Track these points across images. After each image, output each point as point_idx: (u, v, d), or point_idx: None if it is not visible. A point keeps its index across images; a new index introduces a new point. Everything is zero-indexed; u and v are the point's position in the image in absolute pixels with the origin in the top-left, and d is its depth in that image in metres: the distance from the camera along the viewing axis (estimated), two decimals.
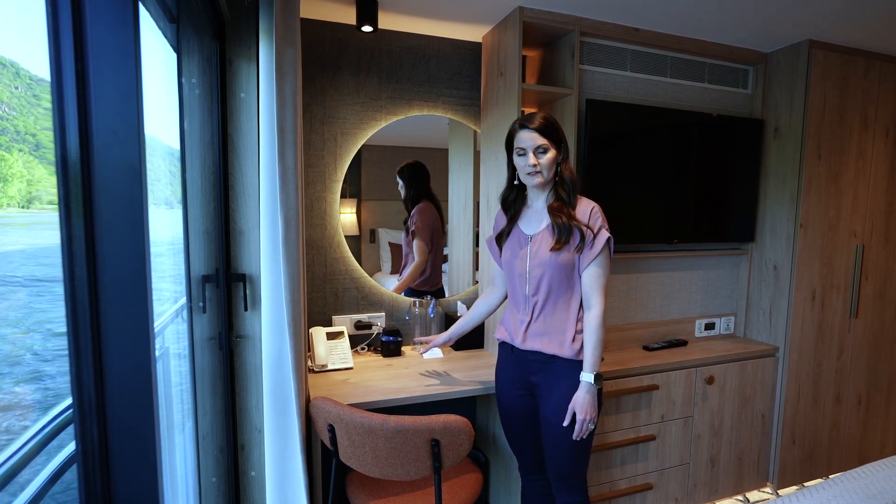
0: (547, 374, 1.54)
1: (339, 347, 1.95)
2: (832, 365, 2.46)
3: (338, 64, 2.05)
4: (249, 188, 1.39)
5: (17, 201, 1.03)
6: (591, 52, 2.13)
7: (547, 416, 1.54)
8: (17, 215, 1.03)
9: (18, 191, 0.99)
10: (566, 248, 1.48)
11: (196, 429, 1.37)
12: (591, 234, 1.47)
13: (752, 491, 2.43)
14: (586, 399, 1.45)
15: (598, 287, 1.48)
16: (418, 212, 2.22)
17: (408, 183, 2.22)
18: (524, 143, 1.47)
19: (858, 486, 1.41)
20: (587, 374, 1.46)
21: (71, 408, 0.87)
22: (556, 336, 1.51)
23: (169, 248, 1.37)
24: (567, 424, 1.48)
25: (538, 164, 1.46)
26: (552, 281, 1.50)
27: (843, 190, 2.37)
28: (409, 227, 2.22)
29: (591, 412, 1.45)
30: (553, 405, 1.51)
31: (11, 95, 0.95)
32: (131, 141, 0.61)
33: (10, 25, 0.80)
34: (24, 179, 0.98)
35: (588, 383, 1.45)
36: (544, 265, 1.50)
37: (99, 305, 0.61)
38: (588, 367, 1.46)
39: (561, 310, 1.52)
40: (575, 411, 1.46)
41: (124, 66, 0.60)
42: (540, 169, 1.47)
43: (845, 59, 2.29)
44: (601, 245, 1.47)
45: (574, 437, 1.48)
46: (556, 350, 1.50)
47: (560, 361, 1.51)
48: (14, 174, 0.97)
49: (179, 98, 1.29)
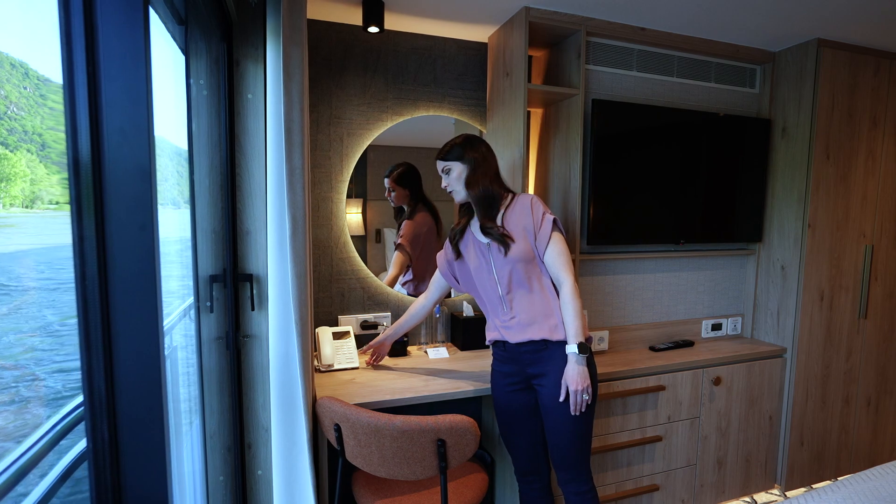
0: (541, 362, 1.58)
1: (346, 347, 1.96)
2: (841, 366, 2.44)
3: (344, 65, 2.06)
4: (256, 188, 1.40)
5: (21, 201, 1.03)
6: (597, 51, 2.13)
7: (546, 403, 1.57)
8: (21, 215, 1.03)
9: (22, 190, 1.00)
10: (516, 245, 1.56)
11: (203, 428, 1.38)
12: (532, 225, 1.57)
13: (759, 493, 2.41)
14: (576, 370, 1.49)
15: (561, 264, 1.56)
16: (406, 225, 2.19)
17: (400, 191, 2.17)
18: (439, 171, 1.63)
19: (868, 489, 1.40)
20: (571, 346, 1.50)
21: (79, 407, 0.88)
22: (544, 321, 1.56)
23: (177, 248, 1.37)
24: (563, 400, 1.52)
25: (448, 183, 1.61)
26: (519, 275, 1.57)
27: (851, 190, 2.35)
28: (395, 241, 2.19)
29: (581, 382, 1.48)
30: (550, 390, 1.55)
31: (20, 95, 0.96)
32: (141, 142, 0.61)
33: (20, 26, 0.81)
34: (28, 179, 0.99)
35: (574, 354, 1.49)
36: (507, 263, 1.57)
37: (109, 304, 0.62)
38: (571, 338, 1.51)
39: (538, 298, 1.58)
40: (567, 385, 1.50)
41: (135, 68, 0.60)
42: (451, 188, 1.61)
43: (854, 58, 2.27)
44: (549, 229, 1.56)
45: (571, 412, 1.50)
46: (546, 334, 1.55)
47: (551, 345, 1.56)
48: (17, 173, 0.97)
49: (187, 99, 1.30)
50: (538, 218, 1.57)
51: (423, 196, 2.21)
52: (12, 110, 0.98)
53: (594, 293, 2.26)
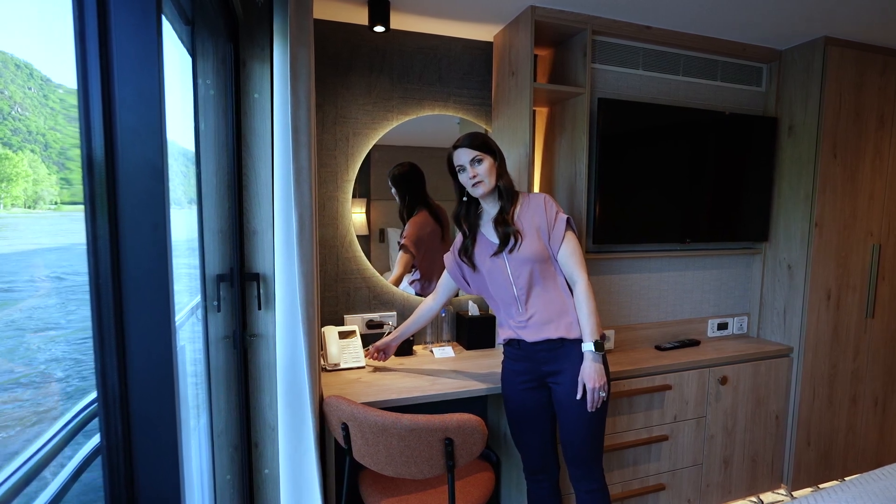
0: (557, 360, 1.59)
1: (352, 346, 1.96)
2: (848, 366, 2.43)
3: (350, 64, 2.06)
4: (263, 188, 1.40)
5: (23, 201, 1.04)
6: (603, 50, 2.12)
7: (561, 400, 1.58)
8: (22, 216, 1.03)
9: (24, 190, 1.00)
10: (528, 242, 1.56)
11: (211, 427, 1.39)
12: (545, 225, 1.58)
13: (766, 492, 2.41)
14: (593, 367, 1.50)
15: (575, 263, 1.58)
16: (409, 224, 2.19)
17: (402, 191, 2.18)
18: (460, 159, 1.58)
19: (875, 489, 1.39)
20: (587, 344, 1.52)
21: (93, 403, 0.89)
22: (560, 320, 1.57)
23: (184, 248, 1.38)
24: (580, 398, 1.53)
25: (477, 174, 1.56)
26: (534, 274, 1.58)
27: (859, 189, 2.34)
28: (399, 241, 2.21)
29: (598, 379, 1.50)
30: (566, 388, 1.56)
31: (24, 96, 0.97)
32: (154, 141, 0.62)
33: (30, 27, 0.81)
34: (30, 179, 0.99)
35: (590, 352, 1.51)
36: (523, 263, 1.57)
37: (123, 302, 0.63)
38: (587, 336, 1.52)
39: (553, 297, 1.59)
40: (585, 383, 1.51)
41: (148, 69, 0.61)
42: (480, 178, 1.56)
43: (862, 56, 2.26)
44: (562, 228, 1.58)
45: (589, 408, 1.52)
46: (563, 333, 1.56)
47: (567, 344, 1.57)
48: (19, 174, 0.98)
49: (194, 99, 1.30)
50: (552, 217, 1.59)
51: (426, 197, 2.21)
52: (17, 111, 0.99)
53: (600, 292, 2.25)
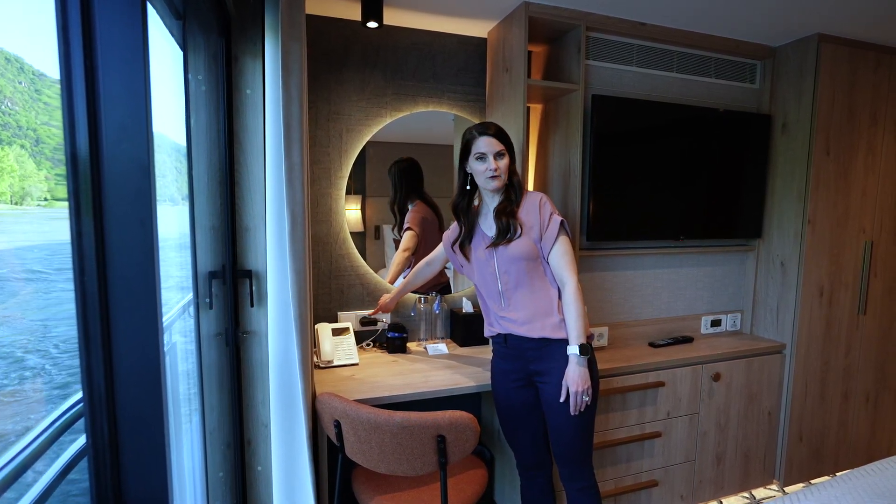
0: (543, 360, 1.58)
1: (345, 343, 1.96)
2: (840, 362, 2.45)
3: (343, 60, 2.05)
4: (255, 185, 1.39)
5: (10, 197, 1.02)
6: (597, 47, 2.12)
7: (548, 401, 1.58)
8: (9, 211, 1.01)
9: (10, 186, 0.98)
10: (519, 240, 1.56)
11: (203, 424, 1.38)
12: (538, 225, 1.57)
13: (758, 488, 2.42)
14: (576, 371, 1.50)
15: (565, 265, 1.56)
16: (411, 212, 2.20)
17: (402, 184, 2.18)
18: (484, 147, 1.55)
19: (866, 484, 1.40)
20: (572, 347, 1.51)
21: (78, 404, 0.88)
22: (545, 320, 1.57)
23: (175, 245, 1.37)
24: (563, 401, 1.53)
25: (498, 167, 1.54)
26: (521, 272, 1.57)
27: (851, 186, 2.35)
28: (403, 226, 2.21)
29: (581, 384, 1.49)
30: (552, 389, 1.56)
31: (14, 90, 0.95)
32: (140, 137, 0.61)
33: (16, 20, 0.80)
34: (16, 175, 0.97)
35: (575, 355, 1.50)
36: (510, 260, 1.57)
37: (108, 300, 0.62)
38: (572, 339, 1.51)
39: (540, 296, 1.58)
40: (568, 386, 1.51)
41: (133, 63, 0.60)
42: (500, 173, 1.55)
43: (855, 54, 2.27)
44: (556, 230, 1.56)
45: (571, 412, 1.51)
46: (547, 333, 1.55)
47: (553, 344, 1.56)
48: (4, 168, 0.96)
49: (186, 95, 1.29)
50: (545, 218, 1.58)
51: (423, 192, 2.21)
52: (7, 105, 0.97)
53: (594, 289, 2.26)
